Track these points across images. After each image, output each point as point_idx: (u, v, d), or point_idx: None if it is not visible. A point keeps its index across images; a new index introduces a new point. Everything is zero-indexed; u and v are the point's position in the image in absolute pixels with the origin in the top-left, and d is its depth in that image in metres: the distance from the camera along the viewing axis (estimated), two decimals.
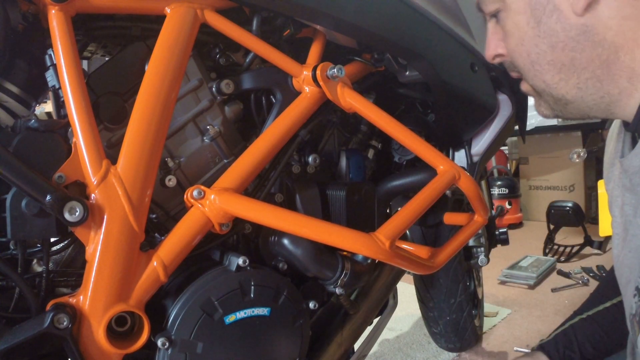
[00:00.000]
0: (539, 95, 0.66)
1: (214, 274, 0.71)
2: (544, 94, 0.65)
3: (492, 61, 0.70)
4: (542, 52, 0.61)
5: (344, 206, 0.89)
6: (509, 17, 0.62)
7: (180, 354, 0.66)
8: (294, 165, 0.89)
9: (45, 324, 0.58)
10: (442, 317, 1.58)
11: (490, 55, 0.69)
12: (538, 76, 0.63)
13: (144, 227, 0.65)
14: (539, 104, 0.68)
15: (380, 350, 1.73)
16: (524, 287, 2.29)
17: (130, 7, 0.70)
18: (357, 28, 0.80)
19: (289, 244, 0.79)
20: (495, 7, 0.64)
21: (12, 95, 0.72)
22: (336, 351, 0.92)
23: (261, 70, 0.83)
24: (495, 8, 0.64)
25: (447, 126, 1.02)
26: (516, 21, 0.62)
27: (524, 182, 3.77)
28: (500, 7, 0.63)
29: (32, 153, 0.62)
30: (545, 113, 0.68)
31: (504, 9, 0.63)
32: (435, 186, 0.86)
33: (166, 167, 0.75)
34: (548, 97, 0.65)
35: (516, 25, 0.62)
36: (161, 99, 0.67)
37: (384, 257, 0.75)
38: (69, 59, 0.63)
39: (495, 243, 1.49)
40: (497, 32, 0.67)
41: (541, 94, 0.66)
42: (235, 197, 0.70)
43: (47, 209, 0.59)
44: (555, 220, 2.68)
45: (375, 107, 0.84)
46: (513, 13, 0.62)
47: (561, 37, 0.58)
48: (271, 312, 0.73)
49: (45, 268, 0.65)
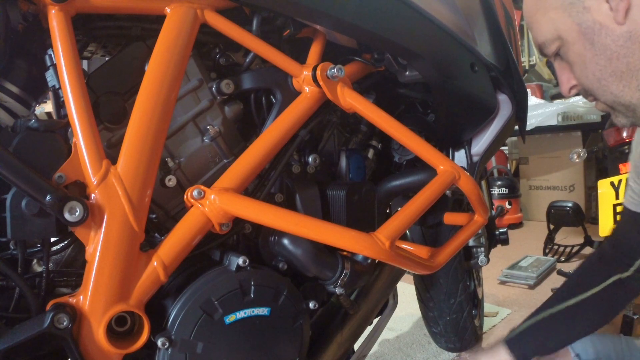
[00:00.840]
0: (613, 109, 0.74)
1: (214, 274, 0.71)
2: (615, 105, 0.72)
3: (568, 94, 0.78)
4: (603, 68, 0.68)
5: (344, 206, 0.89)
6: (569, 50, 0.71)
7: (180, 354, 0.66)
8: (294, 165, 0.89)
9: (45, 324, 0.58)
10: (442, 317, 1.58)
11: (566, 89, 0.77)
12: (606, 90, 0.70)
13: (144, 227, 0.65)
14: (615, 116, 0.75)
15: (380, 350, 1.73)
16: (524, 287, 2.29)
17: (130, 7, 0.70)
18: (357, 28, 0.80)
19: (289, 244, 0.79)
20: (555, 46, 0.72)
21: (12, 95, 0.72)
22: (336, 351, 0.92)
23: (261, 70, 0.83)
24: (556, 47, 0.72)
25: (447, 126, 1.02)
26: (575, 50, 0.70)
27: (524, 182, 3.77)
28: (559, 45, 0.72)
29: (32, 153, 0.62)
30: (623, 122, 0.74)
31: (563, 45, 0.71)
32: (435, 186, 0.86)
33: (166, 167, 0.75)
34: (620, 107, 0.72)
35: (576, 53, 0.70)
36: (161, 99, 0.67)
37: (384, 257, 0.75)
38: (69, 59, 0.63)
39: (495, 243, 1.49)
40: (565, 67, 0.75)
41: (614, 107, 0.73)
42: (235, 197, 0.70)
43: (47, 209, 0.59)
44: (555, 220, 2.68)
45: (375, 107, 0.84)
46: (571, 45, 0.70)
47: (613, 48, 0.66)
48: (271, 312, 0.73)
49: (45, 268, 0.65)
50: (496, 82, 1.00)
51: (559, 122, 3.21)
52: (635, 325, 1.54)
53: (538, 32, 0.74)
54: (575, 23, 0.68)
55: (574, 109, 3.25)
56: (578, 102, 3.35)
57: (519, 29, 1.23)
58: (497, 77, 0.98)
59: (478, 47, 0.93)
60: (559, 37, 0.71)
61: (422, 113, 1.13)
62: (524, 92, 1.05)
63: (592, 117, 3.25)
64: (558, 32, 0.70)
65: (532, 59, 5.27)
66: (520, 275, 2.34)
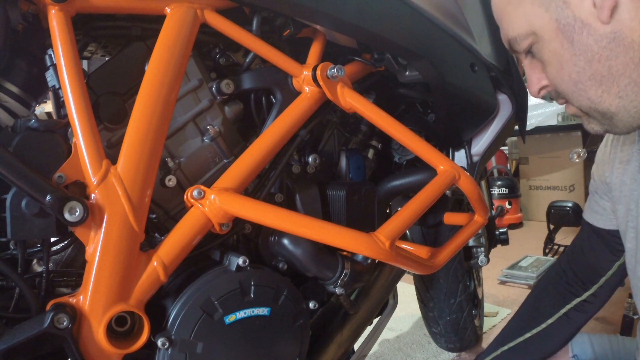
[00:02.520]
0: (587, 115, 0.67)
1: (214, 274, 0.71)
2: (590, 111, 0.66)
3: (537, 95, 0.71)
4: (581, 70, 0.62)
5: (344, 206, 0.89)
6: (544, 47, 0.64)
7: (180, 354, 0.66)
8: (294, 165, 0.89)
9: (45, 324, 0.58)
10: (442, 317, 1.58)
11: (535, 90, 0.70)
12: (582, 95, 0.64)
13: (144, 227, 0.65)
14: (588, 122, 0.69)
15: (380, 350, 1.73)
16: (524, 287, 2.29)
17: (130, 7, 0.70)
18: (357, 28, 0.80)
19: (289, 244, 0.79)
20: (528, 42, 0.65)
21: (12, 95, 0.72)
22: (336, 351, 0.92)
23: (261, 70, 0.83)
24: (528, 43, 0.65)
25: (447, 126, 1.01)
26: (551, 48, 0.63)
27: (524, 182, 3.77)
28: (532, 41, 0.65)
29: (32, 153, 0.62)
30: (596, 129, 0.68)
31: (537, 42, 0.65)
32: (435, 186, 0.86)
33: (166, 167, 0.75)
34: (595, 113, 0.65)
35: (552, 52, 0.63)
36: (161, 99, 0.67)
37: (384, 257, 0.75)
38: (69, 59, 0.63)
39: (495, 243, 1.49)
40: (536, 66, 0.68)
41: (588, 113, 0.66)
42: (235, 197, 0.70)
43: (47, 209, 0.59)
44: (555, 220, 2.67)
45: (375, 107, 0.84)
46: (546, 42, 0.63)
47: (595, 49, 0.60)
48: (271, 312, 0.73)
49: (45, 268, 0.65)
50: (496, 82, 1.00)
51: (559, 122, 3.21)
52: (635, 326, 1.54)
53: (509, 26, 0.67)
54: (553, 19, 0.61)
55: None
56: None
57: None
58: (497, 77, 0.98)
59: (478, 47, 0.93)
60: (533, 32, 0.64)
61: (422, 113, 1.13)
62: (524, 92, 1.05)
63: None
64: (532, 28, 0.64)
65: None
66: (520, 275, 2.34)
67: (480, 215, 0.98)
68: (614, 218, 0.84)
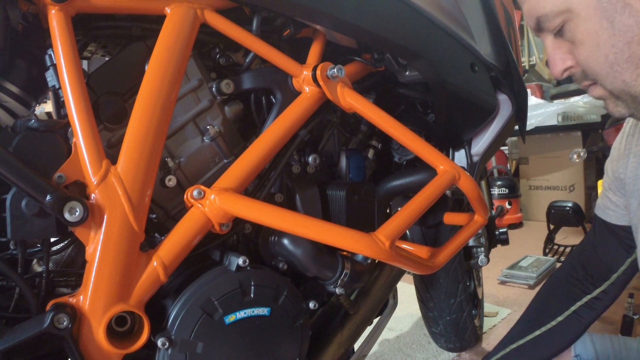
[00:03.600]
0: (617, 97, 0.65)
1: (214, 274, 0.71)
2: (622, 94, 0.64)
3: (561, 76, 0.68)
4: (619, 51, 0.60)
5: (344, 206, 0.89)
6: (579, 26, 0.61)
7: (180, 354, 0.66)
8: (294, 165, 0.89)
9: (45, 324, 0.58)
10: (442, 317, 1.58)
11: (559, 70, 0.67)
12: (617, 77, 0.62)
13: (144, 227, 0.65)
14: (615, 104, 0.66)
15: (380, 350, 1.73)
16: (524, 287, 2.29)
17: (130, 7, 0.70)
18: (357, 28, 0.80)
19: (289, 244, 0.79)
20: (560, 20, 0.63)
21: (12, 95, 0.72)
22: (336, 351, 0.92)
23: (261, 70, 0.83)
24: (560, 21, 0.63)
25: (447, 126, 1.01)
26: (588, 27, 0.61)
27: (524, 182, 3.78)
28: (565, 19, 0.62)
29: (32, 153, 0.62)
30: (622, 112, 0.67)
31: (570, 19, 0.62)
32: (435, 186, 0.86)
33: (166, 167, 0.75)
34: (626, 96, 0.64)
35: (588, 31, 0.61)
36: (161, 99, 0.67)
37: (384, 257, 0.75)
38: (69, 59, 0.63)
39: (495, 243, 1.49)
40: (561, 46, 0.66)
41: (619, 96, 0.64)
42: (235, 197, 0.70)
43: (47, 209, 0.59)
44: (555, 220, 2.68)
45: (375, 107, 0.84)
46: (583, 20, 0.61)
47: (636, 30, 0.58)
48: (271, 312, 0.73)
49: (45, 268, 0.65)
50: (496, 82, 1.00)
51: (559, 122, 3.21)
52: (635, 325, 1.54)
53: (539, 3, 0.63)
54: None
55: (574, 109, 3.25)
56: (578, 102, 3.36)
57: (519, 28, 1.23)
58: (497, 77, 0.98)
59: (478, 47, 0.93)
60: (568, 10, 0.61)
61: (422, 113, 1.13)
62: (524, 92, 1.05)
63: (592, 117, 3.25)
64: (568, 4, 0.61)
65: (532, 59, 5.27)
66: (520, 275, 2.34)
67: (480, 215, 0.98)
68: (626, 214, 0.84)
